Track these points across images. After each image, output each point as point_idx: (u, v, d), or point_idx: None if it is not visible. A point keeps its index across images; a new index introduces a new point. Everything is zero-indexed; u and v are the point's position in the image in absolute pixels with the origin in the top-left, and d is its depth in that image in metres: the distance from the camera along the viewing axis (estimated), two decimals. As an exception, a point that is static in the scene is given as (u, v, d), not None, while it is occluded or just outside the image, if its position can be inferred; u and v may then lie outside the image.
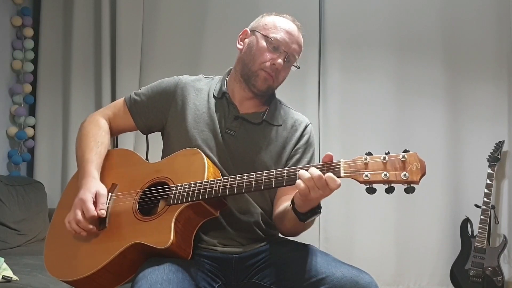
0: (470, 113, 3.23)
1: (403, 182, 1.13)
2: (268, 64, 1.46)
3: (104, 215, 1.35)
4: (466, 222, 3.06)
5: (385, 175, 1.13)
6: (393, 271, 3.21)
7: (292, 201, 1.28)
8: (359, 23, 3.30)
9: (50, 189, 3.21)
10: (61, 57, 3.39)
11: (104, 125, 1.56)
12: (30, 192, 2.94)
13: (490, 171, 3.01)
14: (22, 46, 3.27)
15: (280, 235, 1.56)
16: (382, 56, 3.28)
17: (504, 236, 3.02)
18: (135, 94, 1.58)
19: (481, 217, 2.95)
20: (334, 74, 3.30)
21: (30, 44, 3.29)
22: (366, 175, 1.15)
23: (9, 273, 2.00)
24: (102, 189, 1.39)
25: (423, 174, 1.13)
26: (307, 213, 1.26)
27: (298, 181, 1.19)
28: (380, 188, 1.17)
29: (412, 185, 1.13)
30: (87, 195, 1.36)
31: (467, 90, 3.24)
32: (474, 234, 3.00)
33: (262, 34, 1.48)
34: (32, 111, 3.38)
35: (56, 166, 3.35)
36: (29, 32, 3.29)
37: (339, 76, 3.29)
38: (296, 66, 1.52)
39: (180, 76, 1.58)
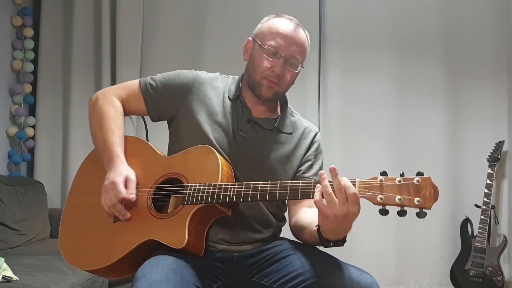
0: (470, 113, 3.24)
1: (415, 207, 1.14)
2: (268, 72, 1.46)
3: (135, 199, 1.38)
4: (466, 222, 3.06)
5: (399, 199, 1.14)
6: (393, 271, 3.21)
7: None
8: (359, 23, 3.30)
9: (50, 189, 3.22)
10: (61, 57, 3.40)
11: (119, 107, 1.55)
12: (30, 192, 2.94)
13: (490, 171, 3.01)
14: (22, 46, 3.28)
15: (280, 235, 1.57)
16: (382, 56, 3.28)
17: (504, 236, 3.03)
18: (152, 79, 1.57)
19: (481, 217, 2.95)
20: (334, 74, 3.30)
21: (30, 44, 3.29)
22: (381, 198, 1.15)
23: (9, 273, 2.00)
24: (132, 175, 1.40)
25: (436, 200, 1.14)
26: (331, 241, 1.25)
27: (316, 193, 1.18)
28: (392, 209, 1.17)
29: (424, 210, 1.14)
30: (118, 178, 1.37)
31: (467, 90, 3.24)
32: (474, 234, 3.00)
33: (259, 43, 1.48)
34: (32, 111, 3.38)
35: (56, 166, 3.35)
36: (29, 32, 3.30)
37: (339, 76, 3.30)
38: (301, 66, 1.50)
39: (198, 71, 1.58)
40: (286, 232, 1.55)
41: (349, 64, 3.29)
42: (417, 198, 1.13)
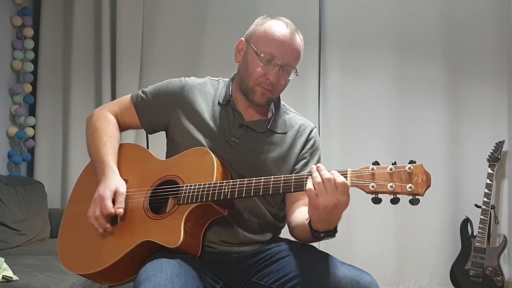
0: (470, 113, 3.24)
1: (408, 194, 1.15)
2: (262, 79, 1.44)
3: (122, 214, 1.37)
4: (466, 222, 3.06)
5: (391, 186, 1.15)
6: (393, 271, 3.21)
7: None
8: (359, 23, 3.30)
9: (50, 189, 3.22)
10: (61, 57, 3.40)
11: (113, 120, 1.57)
12: (30, 192, 2.94)
13: (490, 171, 3.01)
14: (22, 46, 3.28)
15: (280, 236, 1.57)
16: (382, 56, 3.28)
17: (504, 236, 3.03)
18: (142, 92, 1.58)
19: (481, 217, 2.95)
20: (334, 74, 3.30)
21: (30, 44, 3.29)
22: (373, 186, 1.16)
23: (9, 273, 2.00)
24: (121, 187, 1.40)
25: (428, 186, 1.14)
26: (321, 232, 1.26)
27: (308, 183, 1.20)
28: (385, 198, 1.18)
29: (417, 197, 1.15)
30: (106, 192, 1.37)
31: (467, 90, 3.24)
32: (474, 234, 3.00)
33: (253, 49, 1.45)
34: (32, 111, 3.39)
35: (56, 166, 3.35)
36: (29, 32, 3.30)
37: (339, 76, 3.30)
38: (295, 73, 1.48)
39: (187, 78, 1.57)
40: (286, 233, 1.54)
41: (349, 64, 3.29)
42: (409, 185, 1.14)
